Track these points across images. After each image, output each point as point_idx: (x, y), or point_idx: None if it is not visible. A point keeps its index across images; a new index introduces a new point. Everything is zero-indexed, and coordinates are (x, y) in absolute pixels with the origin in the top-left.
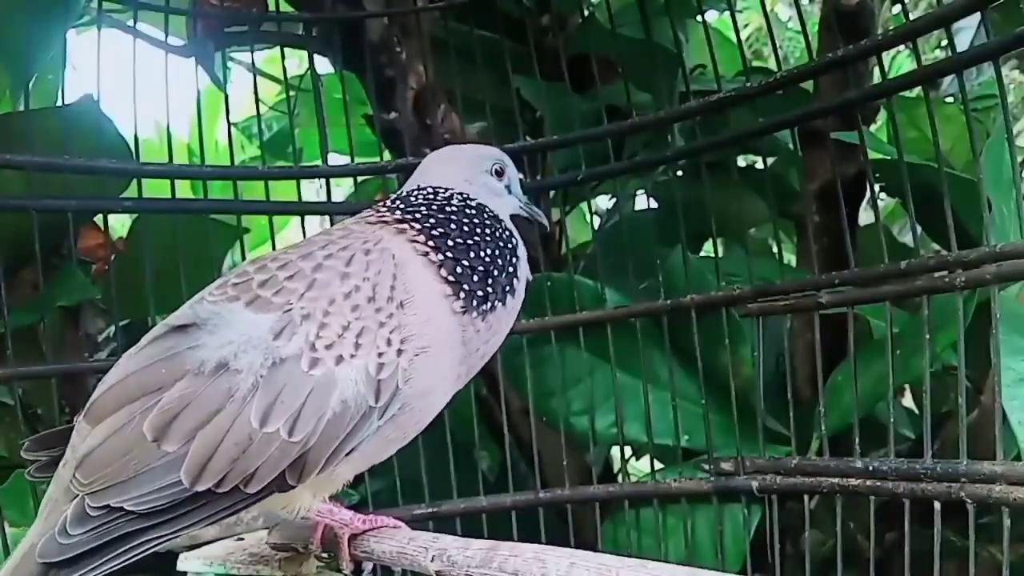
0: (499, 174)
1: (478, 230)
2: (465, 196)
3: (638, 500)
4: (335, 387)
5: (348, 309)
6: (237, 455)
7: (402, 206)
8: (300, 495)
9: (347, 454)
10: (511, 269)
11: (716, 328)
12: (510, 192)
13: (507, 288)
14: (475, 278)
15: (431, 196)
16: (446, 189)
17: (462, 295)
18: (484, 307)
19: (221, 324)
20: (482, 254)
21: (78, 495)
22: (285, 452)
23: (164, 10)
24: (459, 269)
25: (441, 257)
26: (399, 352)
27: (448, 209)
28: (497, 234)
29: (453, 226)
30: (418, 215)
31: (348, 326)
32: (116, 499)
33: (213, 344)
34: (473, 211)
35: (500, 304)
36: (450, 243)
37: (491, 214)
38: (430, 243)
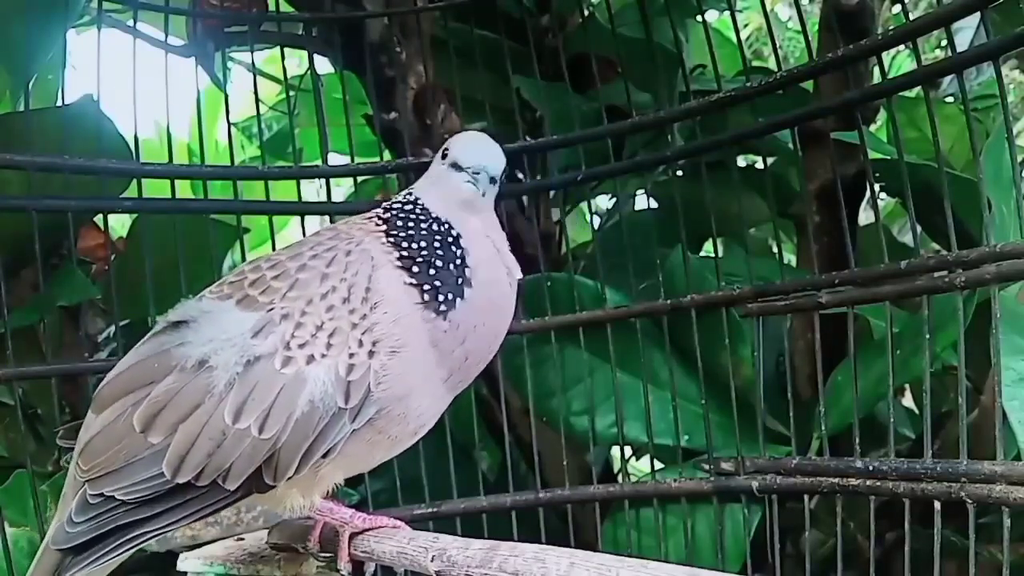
0: (444, 155)
1: (421, 226)
2: (411, 193)
3: (638, 500)
4: (304, 386)
5: (323, 309)
6: (212, 450)
7: (385, 208)
8: (289, 494)
9: (324, 455)
10: (458, 261)
11: (716, 328)
12: (459, 169)
13: (460, 280)
14: (430, 271)
15: (403, 196)
16: (413, 189)
17: (419, 289)
18: (439, 301)
19: (207, 322)
20: (422, 243)
21: (82, 484)
22: (257, 449)
23: (164, 10)
24: (415, 268)
25: (401, 254)
26: (371, 354)
27: (406, 208)
28: (435, 228)
29: (400, 222)
30: (392, 217)
31: (322, 326)
32: (110, 487)
33: (197, 341)
34: (414, 207)
35: (458, 298)
36: (403, 238)
37: (421, 206)
38: (390, 240)
